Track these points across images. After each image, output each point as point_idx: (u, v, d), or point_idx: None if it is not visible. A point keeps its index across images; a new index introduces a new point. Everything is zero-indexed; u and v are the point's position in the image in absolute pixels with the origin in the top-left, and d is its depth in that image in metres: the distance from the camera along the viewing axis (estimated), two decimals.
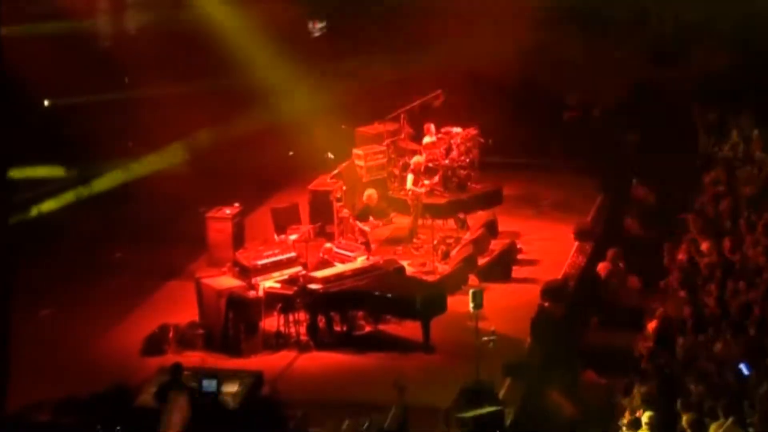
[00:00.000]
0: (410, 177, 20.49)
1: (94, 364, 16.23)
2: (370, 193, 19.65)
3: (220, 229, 19.40)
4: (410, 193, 20.46)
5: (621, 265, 17.78)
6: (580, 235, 20.11)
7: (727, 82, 22.38)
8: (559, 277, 18.45)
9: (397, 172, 22.02)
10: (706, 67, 22.64)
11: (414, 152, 21.74)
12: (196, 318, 17.38)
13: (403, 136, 22.53)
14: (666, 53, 23.73)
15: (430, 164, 21.32)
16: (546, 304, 16.82)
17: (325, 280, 17.22)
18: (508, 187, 22.51)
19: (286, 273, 17.84)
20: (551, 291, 17.28)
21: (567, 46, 24.08)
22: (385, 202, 20.83)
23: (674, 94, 23.04)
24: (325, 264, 17.85)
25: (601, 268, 17.94)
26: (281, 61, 23.66)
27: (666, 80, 23.30)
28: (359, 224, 19.34)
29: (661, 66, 23.63)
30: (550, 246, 20.22)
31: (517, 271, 19.28)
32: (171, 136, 22.60)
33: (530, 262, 19.64)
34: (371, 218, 19.51)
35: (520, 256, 19.77)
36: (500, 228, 20.63)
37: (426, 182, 20.58)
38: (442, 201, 21.24)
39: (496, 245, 19.88)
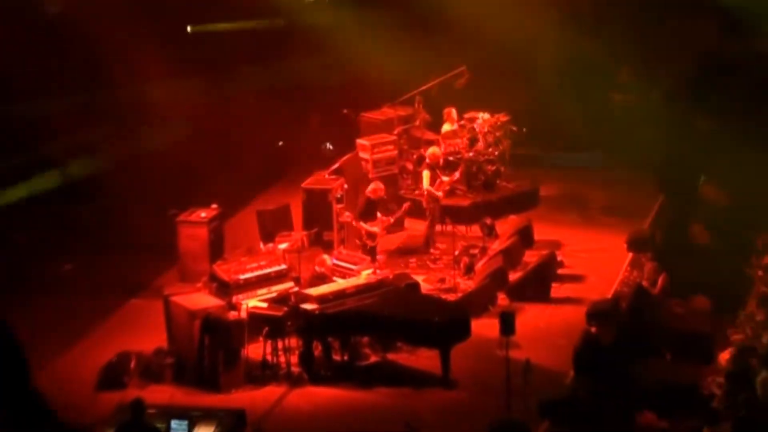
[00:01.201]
0: (426, 174, 20.40)
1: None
2: (375, 186, 19.52)
3: (194, 236, 19.37)
4: (426, 193, 20.37)
5: (660, 281, 17.68)
6: (635, 245, 20.00)
7: None
8: (609, 296, 18.39)
9: (410, 167, 21.99)
10: None
11: (431, 143, 21.66)
12: (164, 344, 17.33)
13: (417, 123, 22.59)
14: (742, 20, 23.61)
15: (451, 158, 21.25)
16: (593, 329, 16.64)
17: (321, 299, 17.12)
18: (546, 185, 22.59)
19: (275, 290, 17.82)
20: (599, 313, 17.04)
21: (618, 11, 23.97)
22: (395, 204, 20.73)
23: (753, 70, 22.94)
24: (322, 279, 17.76)
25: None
26: (269, 29, 23.69)
27: (743, 53, 23.22)
28: (365, 225, 19.21)
29: (737, 36, 23.54)
30: (598, 258, 20.17)
31: (557, 289, 19.21)
32: (134, 121, 22.52)
33: (573, 278, 19.58)
34: (378, 215, 19.38)
35: (560, 271, 19.72)
36: (536, 236, 20.60)
37: (445, 179, 20.49)
38: (465, 203, 21.28)
39: (531, 257, 19.83)
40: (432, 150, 20.79)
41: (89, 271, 19.96)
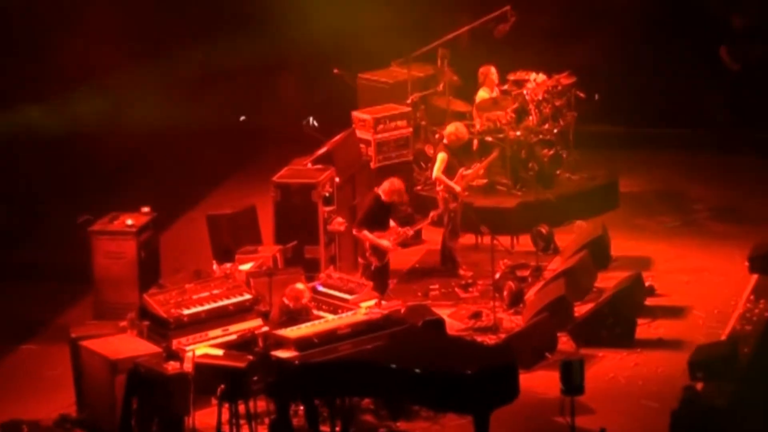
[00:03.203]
0: (441, 157, 20.44)
1: None
2: (390, 185, 19.39)
3: (117, 253, 19.49)
4: (440, 186, 20.44)
5: None
6: (762, 263, 19.99)
7: None
8: (723, 337, 18.41)
9: (430, 151, 22.05)
10: None
11: (461, 117, 21.81)
12: (72, 409, 17.40)
13: (441, 87, 22.66)
14: None
15: (489, 138, 21.37)
16: (698, 385, 16.75)
17: (303, 344, 16.99)
18: (626, 178, 22.71)
19: (235, 330, 17.82)
20: (709, 362, 17.24)
21: None
22: (410, 207, 20.78)
23: None
24: (304, 315, 17.70)
25: None
26: None
27: None
28: (370, 236, 19.17)
29: None
30: (706, 283, 20.25)
31: (645, 328, 19.16)
32: (43, 82, 22.76)
33: (669, 312, 19.59)
34: (391, 223, 19.40)
35: (649, 301, 19.73)
36: (614, 251, 20.70)
37: (467, 172, 20.44)
38: (510, 203, 21.41)
39: (606, 282, 19.84)
40: (452, 128, 20.73)
41: None
